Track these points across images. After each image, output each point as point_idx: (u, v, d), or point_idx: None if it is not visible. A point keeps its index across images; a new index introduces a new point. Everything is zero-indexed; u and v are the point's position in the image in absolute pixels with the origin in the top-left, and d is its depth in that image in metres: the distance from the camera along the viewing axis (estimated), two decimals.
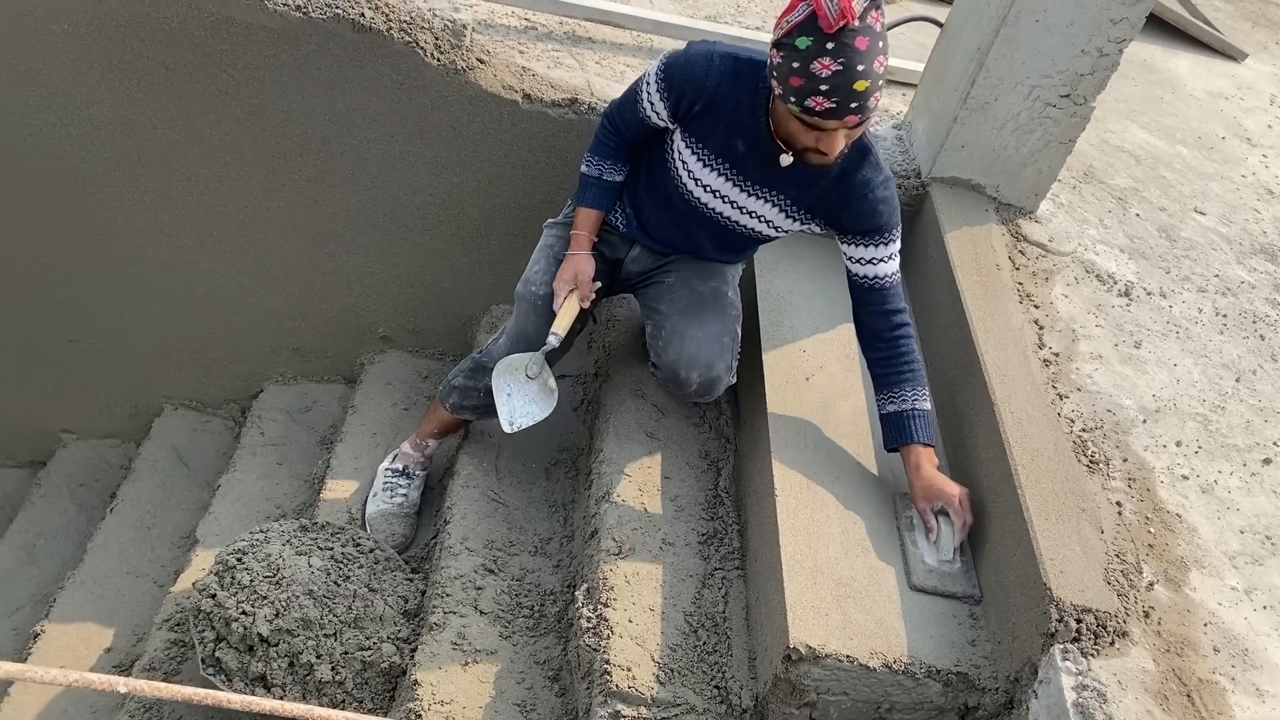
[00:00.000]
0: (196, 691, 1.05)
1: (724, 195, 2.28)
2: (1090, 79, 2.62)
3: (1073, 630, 1.78)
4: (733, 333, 2.44)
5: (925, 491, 2.13)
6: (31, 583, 3.23)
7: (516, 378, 2.39)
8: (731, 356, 2.42)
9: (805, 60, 1.88)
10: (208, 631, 2.32)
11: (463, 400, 2.58)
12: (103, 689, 0.99)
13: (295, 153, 2.89)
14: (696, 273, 2.48)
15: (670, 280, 2.49)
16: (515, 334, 2.45)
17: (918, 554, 2.10)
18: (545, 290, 2.41)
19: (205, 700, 1.05)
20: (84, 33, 2.70)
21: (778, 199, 2.26)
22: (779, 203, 2.27)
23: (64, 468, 3.58)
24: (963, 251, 2.61)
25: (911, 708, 1.94)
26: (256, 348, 3.36)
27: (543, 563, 2.49)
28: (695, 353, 2.37)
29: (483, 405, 2.54)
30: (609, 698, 1.99)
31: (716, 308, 2.44)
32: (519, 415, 2.38)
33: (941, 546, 2.09)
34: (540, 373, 2.39)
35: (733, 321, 2.46)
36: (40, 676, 0.97)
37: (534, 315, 2.41)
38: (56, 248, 3.15)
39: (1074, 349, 2.49)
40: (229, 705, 1.07)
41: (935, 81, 2.88)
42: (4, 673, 0.94)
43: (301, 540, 2.45)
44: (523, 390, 2.39)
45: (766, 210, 2.29)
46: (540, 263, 2.47)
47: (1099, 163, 3.30)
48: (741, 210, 2.30)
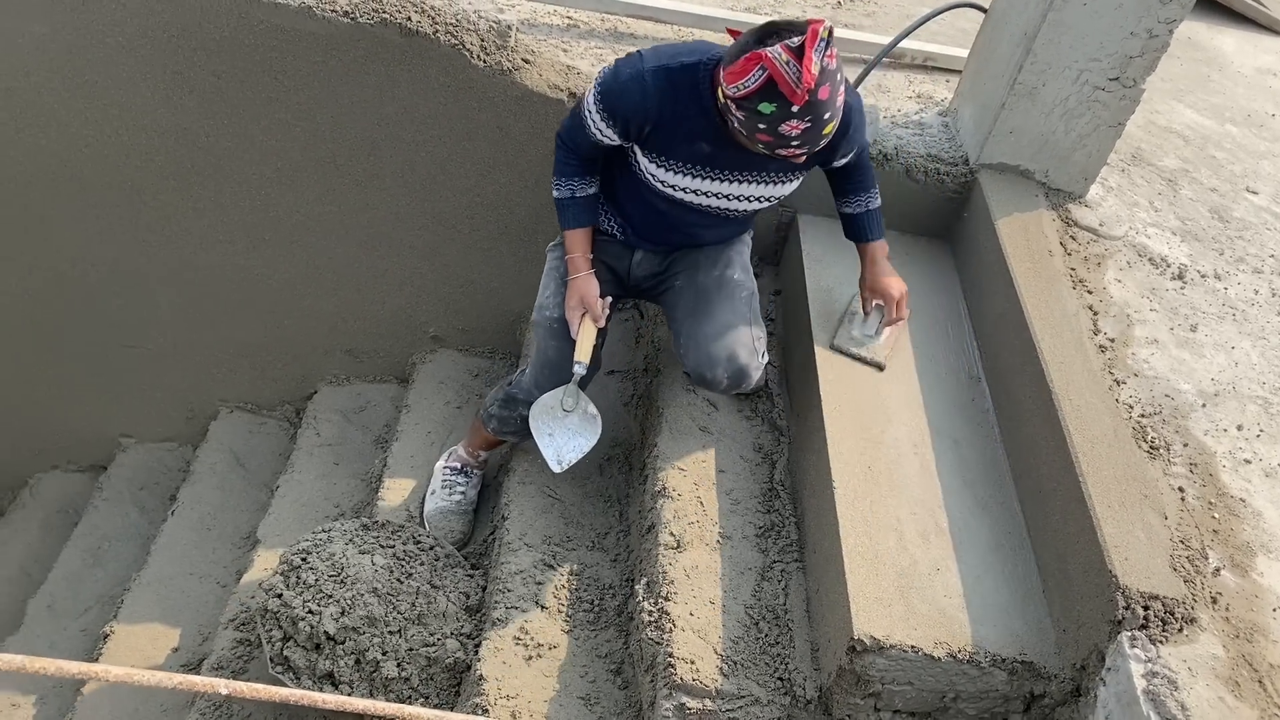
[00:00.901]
0: (292, 693, 1.07)
1: (704, 191, 2.25)
2: (1140, 61, 2.60)
3: (1140, 617, 1.78)
4: (746, 316, 2.40)
5: (873, 284, 2.44)
6: (98, 584, 3.30)
7: (554, 415, 2.41)
8: (753, 339, 2.39)
9: (772, 123, 1.90)
10: (275, 631, 2.36)
11: (502, 428, 2.60)
12: (205, 690, 1.02)
13: (345, 157, 2.93)
14: (701, 264, 2.45)
15: (678, 283, 2.46)
16: (540, 362, 2.45)
17: (848, 329, 2.49)
18: (559, 313, 2.39)
19: (300, 701, 1.07)
20: (137, 45, 2.75)
21: (759, 175, 2.24)
22: (761, 178, 2.24)
23: (124, 471, 3.66)
24: (1014, 239, 2.60)
25: (977, 696, 1.95)
26: (310, 350, 3.41)
27: (600, 557, 2.51)
28: (712, 351, 2.35)
29: (522, 431, 2.54)
30: (674, 690, 2.01)
31: (724, 296, 2.40)
32: (566, 452, 2.42)
33: (868, 325, 2.47)
34: (577, 403, 2.40)
35: (744, 303, 2.42)
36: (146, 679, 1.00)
37: (553, 340, 2.41)
38: (113, 255, 3.22)
39: (1129, 334, 2.47)
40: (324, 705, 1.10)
41: (980, 67, 2.87)
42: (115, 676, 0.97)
43: (363, 539, 2.49)
44: (563, 426, 2.41)
45: (752, 189, 2.27)
46: (550, 287, 2.45)
47: (1147, 144, 3.27)
48: (727, 197, 2.27)
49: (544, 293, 2.46)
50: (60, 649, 3.11)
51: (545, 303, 2.44)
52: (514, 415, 2.54)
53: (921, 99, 3.14)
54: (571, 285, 2.36)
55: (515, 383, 2.54)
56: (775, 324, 2.89)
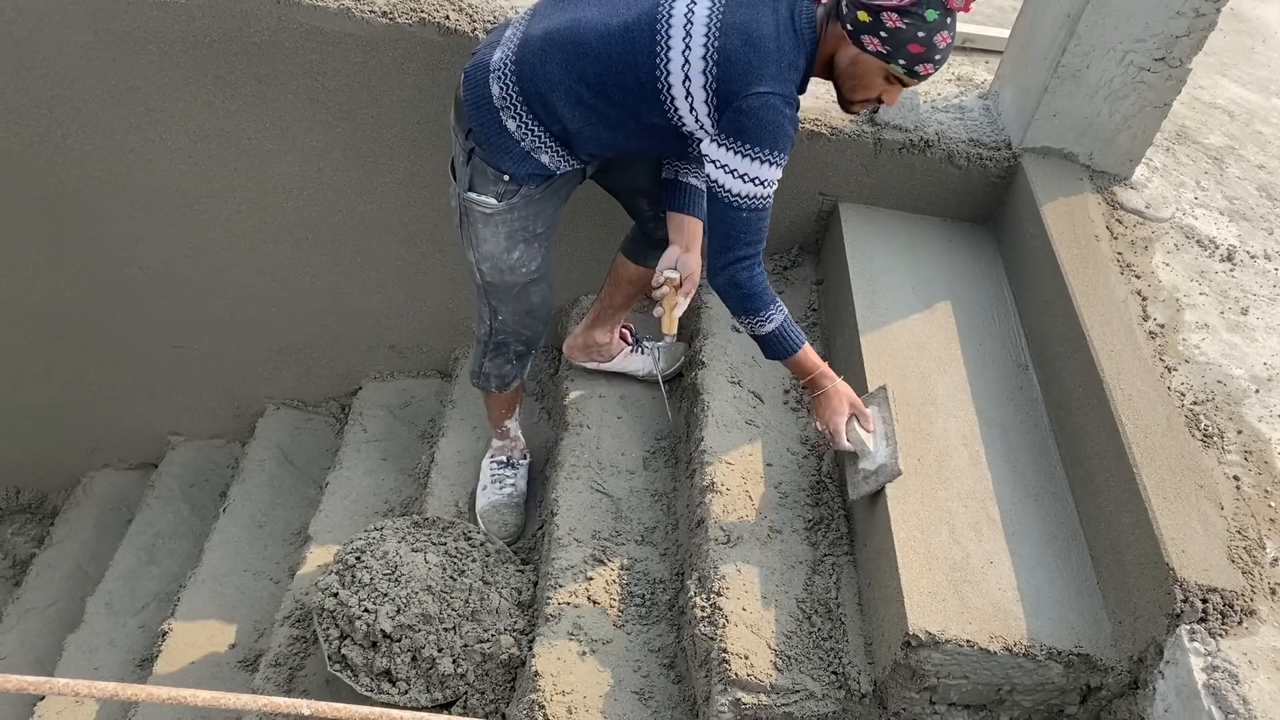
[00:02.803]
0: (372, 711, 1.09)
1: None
2: (1186, 40, 2.56)
3: (1199, 610, 1.77)
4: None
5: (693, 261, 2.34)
6: (154, 582, 3.36)
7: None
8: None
9: (930, 31, 1.93)
10: (332, 629, 2.40)
11: (504, 379, 2.64)
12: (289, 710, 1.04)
13: (386, 156, 2.95)
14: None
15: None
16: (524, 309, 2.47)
17: (853, 474, 2.26)
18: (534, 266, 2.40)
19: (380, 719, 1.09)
20: (179, 50, 2.77)
21: None
22: None
23: (174, 469, 3.72)
24: (1060, 224, 2.58)
25: (1033, 689, 1.95)
26: (354, 346, 3.45)
27: (649, 551, 2.53)
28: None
29: (519, 367, 2.63)
30: (729, 685, 2.03)
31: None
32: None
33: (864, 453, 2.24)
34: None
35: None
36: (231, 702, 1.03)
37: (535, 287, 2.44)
38: (160, 258, 3.26)
39: (1179, 319, 2.45)
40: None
41: (1022, 49, 2.84)
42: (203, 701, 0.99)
43: (416, 537, 2.52)
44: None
45: None
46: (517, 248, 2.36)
47: (1191, 121, 3.23)
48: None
49: (509, 254, 2.33)
50: (120, 646, 3.18)
51: (515, 264, 2.35)
52: (509, 358, 2.59)
53: (961, 81, 3.11)
54: (836, 395, 2.22)
55: (496, 330, 2.53)
56: (818, 313, 2.89)
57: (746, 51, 1.97)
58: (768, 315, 2.15)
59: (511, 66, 2.13)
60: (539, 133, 2.15)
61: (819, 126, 2.77)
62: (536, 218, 2.32)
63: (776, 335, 2.17)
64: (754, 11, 2.00)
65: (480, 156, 2.20)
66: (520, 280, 2.40)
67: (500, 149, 2.18)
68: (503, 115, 2.14)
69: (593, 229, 3.04)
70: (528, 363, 2.66)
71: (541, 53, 2.10)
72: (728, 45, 1.97)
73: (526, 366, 2.67)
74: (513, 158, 2.19)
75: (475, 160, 2.22)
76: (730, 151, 2.02)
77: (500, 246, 2.33)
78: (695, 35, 1.99)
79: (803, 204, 2.91)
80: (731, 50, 1.97)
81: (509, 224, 2.29)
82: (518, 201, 2.26)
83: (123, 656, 3.15)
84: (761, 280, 2.13)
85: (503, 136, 2.17)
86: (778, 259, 3.03)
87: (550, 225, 2.39)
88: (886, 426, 2.24)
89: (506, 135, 2.16)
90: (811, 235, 3.01)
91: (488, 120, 2.16)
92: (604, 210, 2.93)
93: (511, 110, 2.13)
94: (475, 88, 2.17)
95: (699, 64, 2.00)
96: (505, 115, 2.14)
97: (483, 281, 2.41)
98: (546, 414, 3.11)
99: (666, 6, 2.03)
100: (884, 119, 2.82)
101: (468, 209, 2.28)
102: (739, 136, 2.00)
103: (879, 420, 2.26)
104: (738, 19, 1.99)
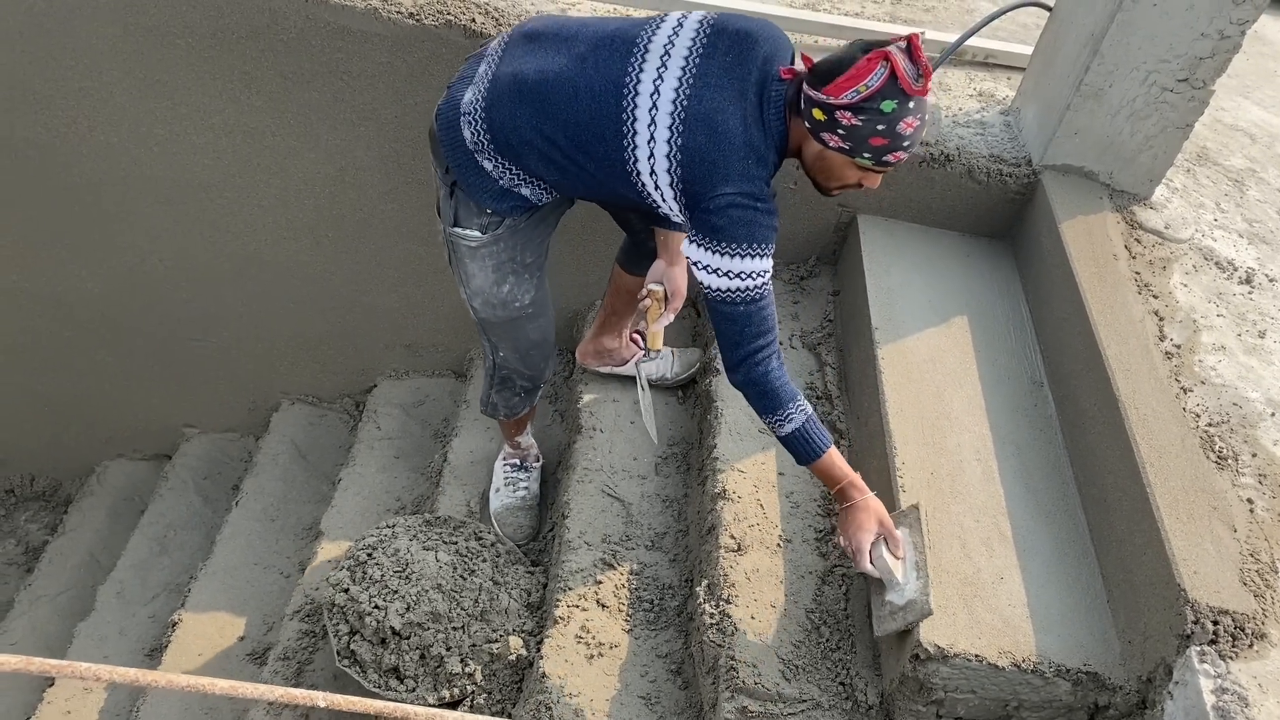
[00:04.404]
0: (387, 705, 1.10)
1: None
2: (1210, 62, 2.56)
3: (1209, 632, 1.77)
4: None
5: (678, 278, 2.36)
6: (165, 572, 3.38)
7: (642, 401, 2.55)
8: None
9: (891, 123, 1.82)
10: (342, 625, 2.41)
11: (511, 409, 2.64)
12: (304, 703, 1.05)
13: (408, 156, 2.97)
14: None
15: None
16: (525, 346, 2.46)
17: (880, 608, 2.04)
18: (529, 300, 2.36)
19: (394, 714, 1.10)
20: (207, 45, 2.80)
21: None
22: None
23: (188, 461, 3.75)
24: (1078, 242, 2.58)
25: (1040, 706, 1.95)
26: (370, 344, 3.47)
27: (659, 557, 2.54)
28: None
29: (527, 399, 2.62)
30: (736, 693, 2.03)
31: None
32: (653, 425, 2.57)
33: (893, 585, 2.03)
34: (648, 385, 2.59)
35: None
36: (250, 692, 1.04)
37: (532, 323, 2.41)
38: (181, 251, 3.29)
39: (1196, 340, 2.45)
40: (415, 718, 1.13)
41: (1045, 67, 2.84)
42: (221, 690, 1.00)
43: (427, 535, 2.53)
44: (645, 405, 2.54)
45: None
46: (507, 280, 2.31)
47: (1213, 143, 3.22)
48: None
49: (499, 288, 2.28)
50: (130, 635, 3.20)
51: (508, 298, 2.30)
52: (515, 392, 2.59)
53: (983, 97, 3.12)
54: (868, 509, 2.04)
55: (500, 365, 2.52)
56: (834, 324, 2.89)
57: (711, 150, 1.88)
58: (786, 414, 2.02)
59: (482, 113, 2.04)
60: (516, 172, 2.08)
61: None
62: (524, 247, 2.25)
63: (798, 437, 2.03)
64: (722, 98, 1.90)
65: (462, 191, 2.14)
66: (514, 314, 2.34)
67: (479, 188, 2.12)
68: (477, 157, 2.08)
69: (608, 234, 3.05)
70: (535, 396, 2.63)
71: (511, 104, 2.01)
72: (691, 143, 1.89)
73: (535, 398, 2.65)
74: (492, 195, 2.12)
75: (458, 194, 2.15)
76: (709, 252, 1.91)
77: (489, 280, 2.27)
78: (660, 124, 1.91)
79: (821, 215, 2.91)
80: (695, 148, 1.89)
81: (496, 256, 2.23)
82: (503, 233, 2.19)
83: (132, 645, 3.17)
84: (778, 377, 2.01)
85: (480, 176, 2.10)
86: (794, 269, 3.03)
87: (540, 254, 2.32)
88: (918, 555, 2.04)
89: (484, 174, 2.10)
90: (829, 246, 3.02)
91: (463, 161, 2.10)
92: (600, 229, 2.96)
93: (486, 153, 2.06)
94: (448, 128, 2.10)
95: (664, 161, 1.92)
96: (480, 158, 2.07)
97: (477, 318, 2.37)
98: (560, 416, 3.12)
99: (633, 78, 1.93)
100: None
101: (454, 244, 2.22)
102: (714, 236, 1.90)
103: (909, 546, 2.07)
104: (704, 108, 1.89)
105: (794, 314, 2.93)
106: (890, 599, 2.03)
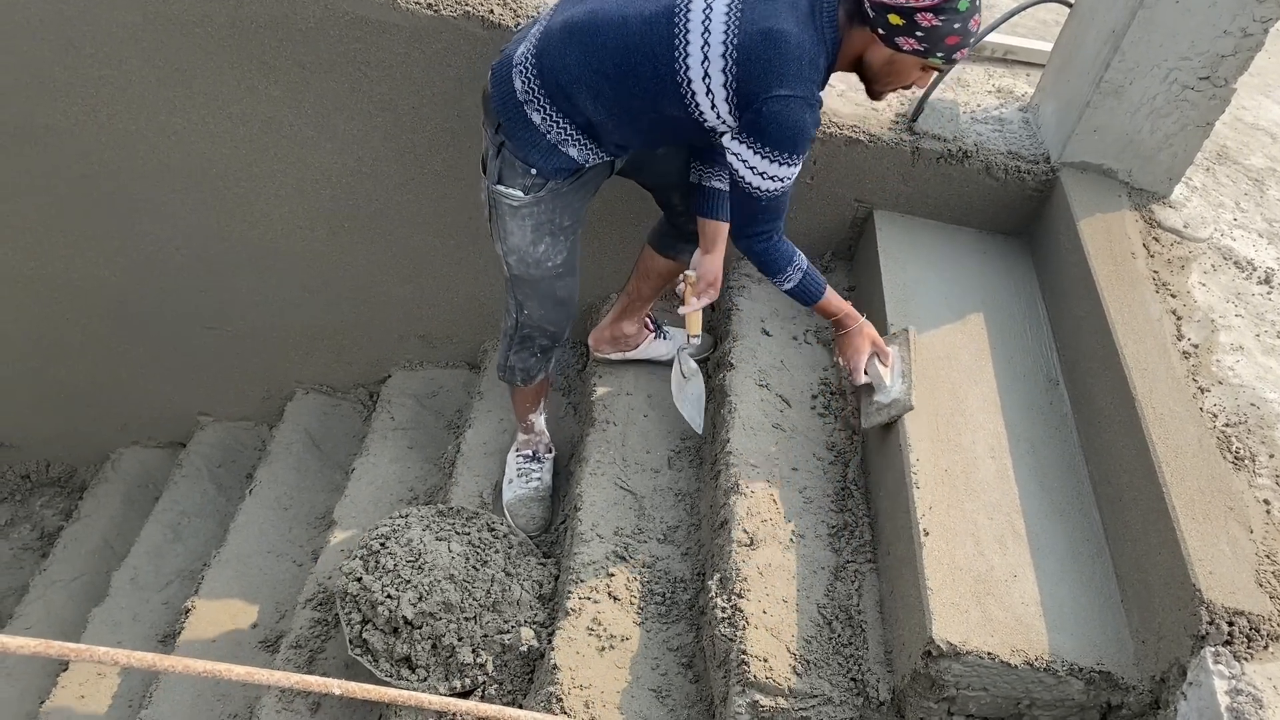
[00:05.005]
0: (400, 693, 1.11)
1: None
2: (1232, 60, 2.54)
3: (1224, 633, 1.76)
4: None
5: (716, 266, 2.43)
6: (178, 559, 3.40)
7: (680, 386, 2.69)
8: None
9: (965, 19, 1.96)
10: (354, 614, 2.42)
11: (528, 372, 2.67)
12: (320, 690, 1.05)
13: (425, 148, 2.97)
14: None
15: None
16: (552, 301, 2.49)
17: (868, 405, 2.43)
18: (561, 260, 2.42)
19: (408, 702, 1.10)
20: (225, 34, 2.80)
21: None
22: None
23: (202, 449, 3.76)
24: (1096, 240, 2.57)
25: (1052, 704, 1.95)
26: (385, 335, 3.47)
27: (671, 550, 2.54)
28: None
29: (544, 362, 2.66)
30: (746, 687, 2.03)
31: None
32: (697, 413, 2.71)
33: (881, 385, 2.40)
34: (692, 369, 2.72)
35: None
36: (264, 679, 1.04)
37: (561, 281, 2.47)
38: (197, 240, 3.29)
39: (1214, 340, 2.43)
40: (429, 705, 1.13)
41: (1064, 64, 2.83)
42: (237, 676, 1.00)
43: (440, 525, 2.54)
44: (686, 393, 2.70)
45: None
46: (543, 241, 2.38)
47: (1233, 142, 3.20)
48: None
49: (535, 247, 2.36)
50: (143, 621, 3.22)
51: (542, 257, 2.38)
52: (533, 352, 2.62)
53: (1001, 93, 3.10)
54: (862, 333, 2.40)
55: (522, 324, 2.55)
56: None
57: (766, 50, 1.96)
58: (786, 277, 2.28)
59: (532, 60, 2.14)
60: (564, 124, 2.16)
61: (857, 134, 2.77)
62: (563, 211, 2.34)
63: (798, 290, 2.32)
64: (774, 8, 1.98)
65: (509, 150, 2.23)
66: (546, 274, 2.42)
67: (527, 143, 2.20)
68: (527, 109, 2.16)
69: (621, 228, 3.05)
70: (552, 358, 2.68)
71: (561, 45, 2.11)
72: (747, 43, 1.97)
73: (551, 361, 2.69)
74: (540, 151, 2.20)
75: (504, 154, 2.24)
76: (753, 152, 2.05)
77: (527, 239, 2.35)
78: (714, 30, 1.98)
79: (838, 210, 2.91)
80: (751, 48, 1.97)
81: (535, 217, 2.31)
82: (544, 195, 2.28)
83: (146, 631, 3.19)
84: (777, 248, 2.24)
85: (528, 130, 2.18)
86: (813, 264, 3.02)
87: (577, 219, 2.41)
88: (904, 365, 2.40)
89: (532, 129, 2.18)
90: (845, 241, 3.01)
91: (513, 114, 2.18)
92: (631, 209, 2.96)
93: (535, 104, 2.15)
94: (500, 83, 2.20)
95: (718, 60, 1.99)
96: (529, 109, 2.16)
97: (510, 274, 2.44)
98: (573, 409, 3.12)
99: (684, 3, 2.02)
100: (922, 129, 2.82)
101: (496, 201, 2.31)
102: (759, 138, 2.03)
103: (897, 359, 2.43)
104: (758, 15, 1.97)
105: (808, 310, 2.92)
106: (878, 399, 2.41)
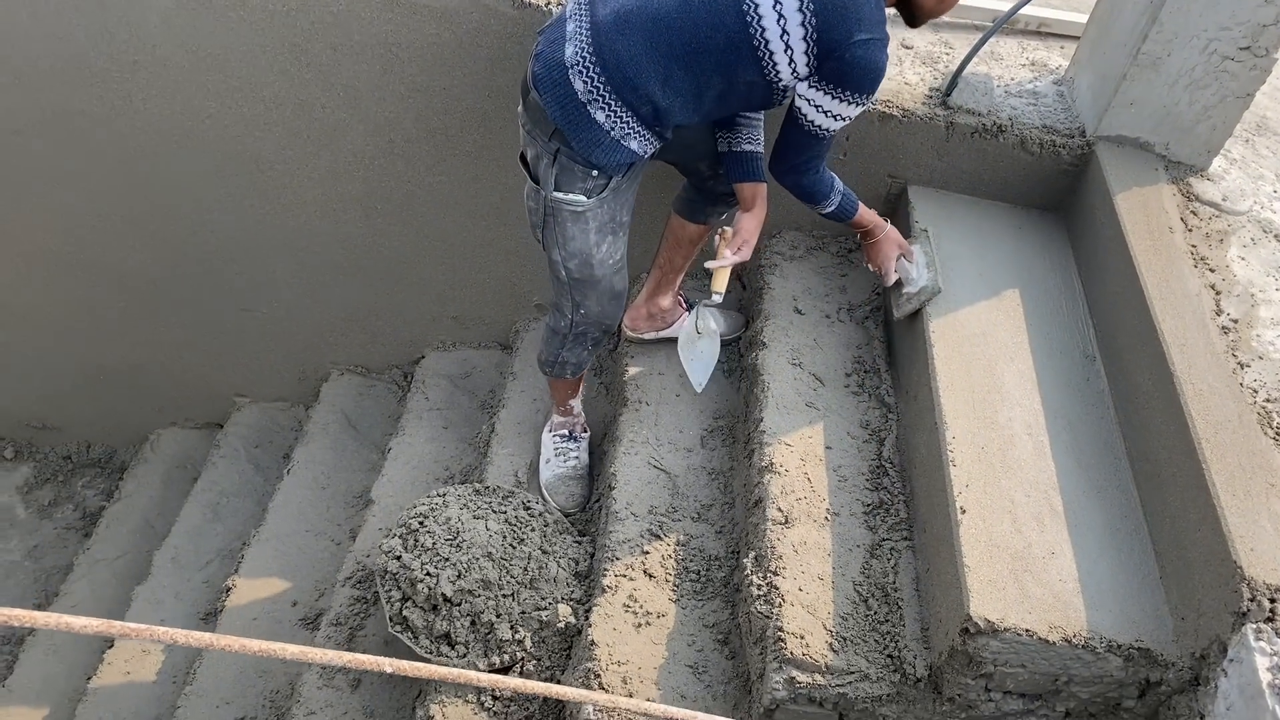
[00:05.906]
0: (450, 671, 1.12)
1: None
2: (1273, 29, 2.50)
3: (1266, 609, 1.76)
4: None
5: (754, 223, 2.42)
6: (218, 539, 3.45)
7: (690, 341, 2.70)
8: None
9: None
10: (394, 591, 2.45)
11: (580, 365, 2.70)
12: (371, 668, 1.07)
13: (456, 129, 2.98)
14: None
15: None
16: (608, 296, 2.49)
17: (896, 297, 2.61)
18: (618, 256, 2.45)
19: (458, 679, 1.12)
20: (258, 18, 2.82)
21: None
22: None
23: (240, 430, 3.81)
24: (1133, 214, 2.54)
25: (1090, 681, 1.95)
26: (418, 316, 3.50)
27: (705, 529, 2.55)
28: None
29: (595, 343, 2.66)
30: (783, 664, 2.05)
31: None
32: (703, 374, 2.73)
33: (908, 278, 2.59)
34: (707, 325, 2.74)
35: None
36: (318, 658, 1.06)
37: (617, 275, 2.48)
38: (232, 223, 3.32)
39: (1253, 315, 2.41)
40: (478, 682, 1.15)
41: (1100, 36, 2.79)
42: (290, 655, 1.03)
43: (477, 504, 2.56)
44: (695, 350, 2.73)
45: None
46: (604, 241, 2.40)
47: (1273, 113, 3.15)
48: None
49: (599, 248, 2.37)
50: (185, 599, 3.27)
51: (605, 256, 2.39)
52: (586, 345, 2.64)
53: (1035, 66, 3.07)
54: (887, 240, 2.56)
55: (577, 323, 2.55)
56: (882, 297, 2.88)
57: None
58: (829, 200, 2.41)
59: (591, 58, 2.10)
60: (628, 118, 2.14)
61: (890, 109, 2.75)
62: (623, 207, 2.35)
63: (835, 214, 2.45)
64: None
65: (567, 155, 2.20)
66: (608, 271, 2.43)
67: (590, 142, 2.16)
68: (590, 109, 2.12)
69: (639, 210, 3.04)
70: (601, 346, 2.70)
71: (620, 37, 2.08)
72: None
73: (600, 349, 2.72)
74: (603, 149, 2.18)
75: (561, 159, 2.21)
76: (826, 95, 2.11)
77: (590, 242, 2.34)
78: None
79: (872, 186, 2.89)
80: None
81: (599, 218, 2.31)
82: (606, 195, 2.28)
83: (188, 610, 3.24)
84: (822, 177, 2.36)
85: (592, 130, 2.15)
86: (843, 241, 3.02)
87: (632, 211, 2.42)
88: (928, 257, 2.59)
89: (596, 128, 2.15)
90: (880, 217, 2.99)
91: (575, 116, 2.14)
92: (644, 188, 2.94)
93: (600, 102, 2.11)
94: (555, 87, 2.14)
95: (795, 15, 2.00)
96: (593, 108, 2.12)
97: (569, 279, 2.43)
98: (605, 389, 3.13)
99: None
100: (956, 103, 2.79)
101: (555, 209, 2.28)
102: (839, 83, 2.08)
103: (920, 254, 2.61)
104: None
105: (842, 286, 2.92)
106: (907, 290, 2.58)
